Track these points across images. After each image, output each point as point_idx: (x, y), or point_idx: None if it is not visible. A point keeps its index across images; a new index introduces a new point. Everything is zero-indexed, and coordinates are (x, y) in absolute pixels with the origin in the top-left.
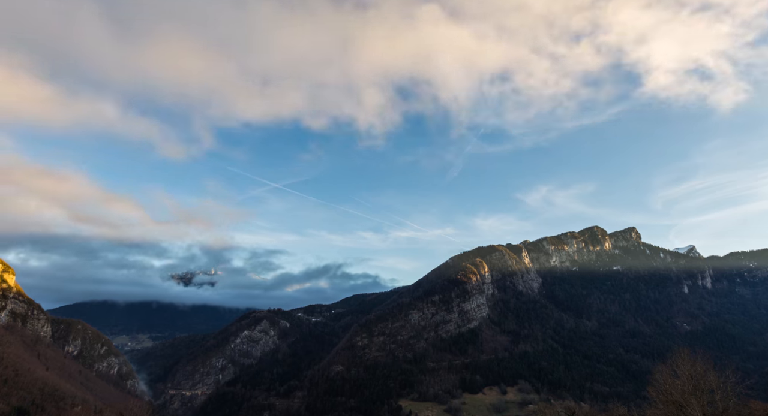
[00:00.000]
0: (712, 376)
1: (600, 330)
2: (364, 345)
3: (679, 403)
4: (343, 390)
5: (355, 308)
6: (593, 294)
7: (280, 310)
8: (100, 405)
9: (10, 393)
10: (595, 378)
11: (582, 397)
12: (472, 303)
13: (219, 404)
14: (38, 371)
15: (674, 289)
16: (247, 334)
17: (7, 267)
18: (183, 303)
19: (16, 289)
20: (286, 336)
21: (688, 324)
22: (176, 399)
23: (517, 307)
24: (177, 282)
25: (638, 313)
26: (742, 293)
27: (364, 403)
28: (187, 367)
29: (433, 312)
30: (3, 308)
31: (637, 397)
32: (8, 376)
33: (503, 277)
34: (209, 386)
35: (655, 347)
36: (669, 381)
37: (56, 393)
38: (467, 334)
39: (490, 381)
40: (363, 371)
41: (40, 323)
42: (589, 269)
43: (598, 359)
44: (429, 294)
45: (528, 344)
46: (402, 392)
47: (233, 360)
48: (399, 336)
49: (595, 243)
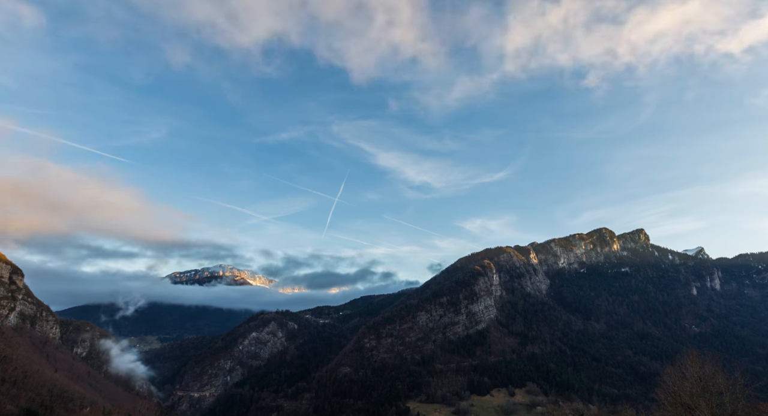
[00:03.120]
0: (721, 378)
1: (608, 332)
2: (371, 347)
3: (687, 405)
4: (351, 392)
5: (363, 309)
6: (601, 295)
7: (288, 312)
8: (109, 407)
9: (19, 395)
10: (603, 380)
11: (590, 399)
12: (480, 305)
13: (227, 405)
14: (47, 372)
15: (683, 291)
16: (255, 336)
17: (16, 269)
18: (191, 305)
19: (25, 291)
20: (294, 338)
21: (697, 326)
22: (184, 400)
23: (525, 309)
24: (185, 283)
25: (647, 315)
26: (751, 295)
27: (372, 405)
28: (195, 369)
29: (440, 314)
30: (12, 309)
31: (646, 399)
32: (17, 378)
33: (511, 279)
34: (217, 387)
35: (663, 349)
36: (677, 383)
37: (65, 394)
38: (475, 336)
39: (498, 382)
40: (371, 373)
41: (49, 324)
42: (597, 271)
43: (607, 361)
44: (437, 295)
45: (536, 346)
46: (410, 394)
47: (241, 362)
48: (407, 338)
49: (603, 245)
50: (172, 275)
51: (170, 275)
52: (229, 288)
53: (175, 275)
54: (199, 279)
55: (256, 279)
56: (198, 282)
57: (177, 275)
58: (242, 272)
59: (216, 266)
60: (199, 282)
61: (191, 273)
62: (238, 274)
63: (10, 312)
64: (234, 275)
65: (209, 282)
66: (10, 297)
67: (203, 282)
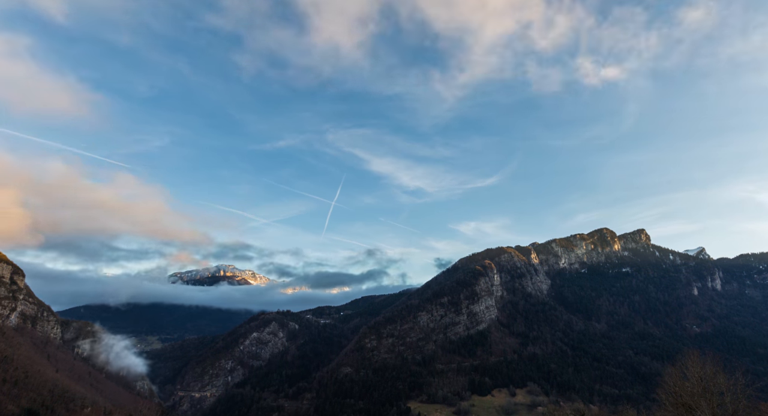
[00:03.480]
0: (722, 378)
1: (609, 332)
2: (372, 347)
3: (688, 405)
4: (352, 392)
5: (364, 310)
6: (602, 296)
7: (289, 312)
8: (110, 407)
9: (20, 395)
10: (604, 380)
11: (591, 399)
12: (480, 305)
13: (228, 406)
14: (48, 372)
15: (684, 291)
16: (256, 336)
17: (17, 269)
18: (192, 305)
19: (26, 291)
20: (295, 338)
21: (698, 326)
22: (185, 400)
23: (526, 309)
24: (186, 284)
25: (648, 315)
26: (752, 295)
27: (372, 405)
28: (196, 369)
29: (441, 314)
30: (13, 309)
31: (647, 399)
32: (18, 378)
33: (512, 279)
34: (218, 388)
35: (664, 349)
36: (678, 383)
37: (66, 394)
38: (476, 336)
39: (499, 383)
40: (372, 373)
41: (50, 324)
42: (598, 271)
43: (608, 361)
44: (438, 295)
45: (537, 346)
46: (411, 394)
47: (242, 362)
48: (408, 338)
49: (604, 245)
50: (173, 275)
51: (171, 275)
52: (230, 288)
53: (177, 275)
54: (200, 279)
55: (257, 279)
56: (199, 282)
57: (178, 275)
58: (243, 272)
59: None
60: (200, 283)
61: (192, 273)
62: (238, 274)
63: (11, 312)
64: (235, 275)
65: (210, 282)
66: (11, 297)
67: (204, 283)
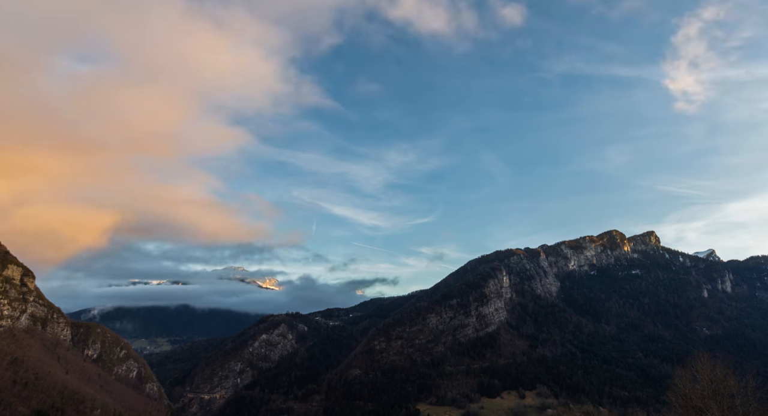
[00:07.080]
0: (732, 381)
1: (619, 335)
2: (381, 349)
3: (698, 408)
4: (361, 394)
5: (373, 312)
6: (612, 298)
7: (298, 314)
8: (120, 409)
9: (30, 397)
10: (614, 383)
11: (601, 402)
12: (490, 307)
13: (237, 407)
14: (58, 374)
15: (694, 293)
16: (265, 338)
17: (27, 271)
18: (201, 307)
19: (36, 292)
20: (304, 340)
21: (708, 329)
22: (195, 402)
23: (536, 311)
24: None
25: (657, 317)
26: (763, 297)
27: (382, 407)
28: (205, 371)
29: (451, 316)
30: (23, 311)
31: (657, 402)
32: (28, 379)
33: (521, 281)
34: (228, 389)
35: (674, 351)
36: (688, 385)
37: (76, 396)
38: (485, 338)
39: (509, 385)
40: (381, 375)
41: (60, 326)
42: (607, 273)
43: (617, 363)
44: (447, 298)
45: (546, 348)
46: (420, 396)
47: (251, 364)
48: (417, 340)
49: (613, 247)
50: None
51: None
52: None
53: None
54: None
55: (266, 281)
56: None
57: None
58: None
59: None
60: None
61: None
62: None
63: (21, 314)
64: (243, 278)
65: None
66: (21, 299)
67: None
